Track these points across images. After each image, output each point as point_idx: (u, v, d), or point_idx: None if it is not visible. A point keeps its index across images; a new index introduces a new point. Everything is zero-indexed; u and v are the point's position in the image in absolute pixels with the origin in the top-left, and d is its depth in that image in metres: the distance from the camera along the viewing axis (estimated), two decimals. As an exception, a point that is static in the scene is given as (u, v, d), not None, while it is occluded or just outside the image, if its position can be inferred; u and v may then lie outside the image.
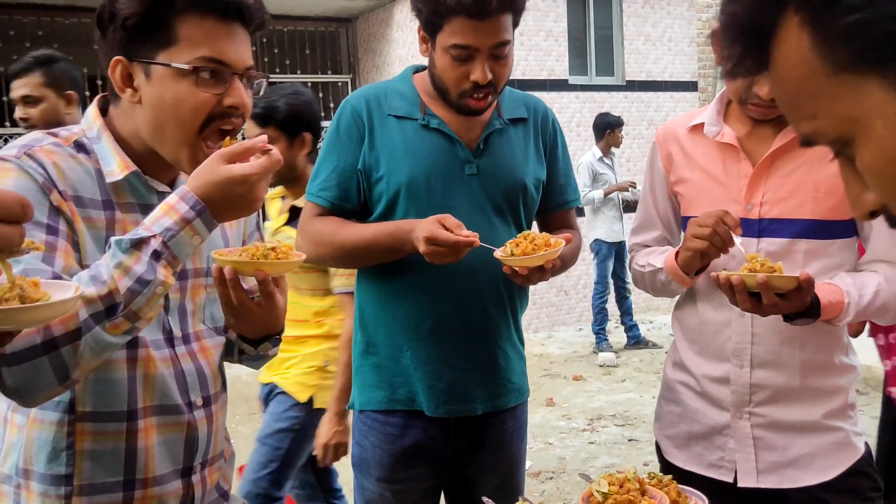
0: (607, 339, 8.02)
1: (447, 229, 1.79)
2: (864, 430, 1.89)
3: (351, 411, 2.21)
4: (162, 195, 1.48)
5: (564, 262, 2.05)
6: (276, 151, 1.35)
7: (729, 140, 1.85)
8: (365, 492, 2.10)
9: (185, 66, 1.37)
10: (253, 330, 1.57)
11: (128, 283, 1.26)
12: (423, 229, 1.80)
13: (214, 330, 1.64)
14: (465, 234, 1.78)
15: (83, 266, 1.36)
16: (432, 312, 1.99)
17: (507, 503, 1.68)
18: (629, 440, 5.48)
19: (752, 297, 1.61)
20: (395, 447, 2.05)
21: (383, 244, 1.93)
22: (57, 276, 1.29)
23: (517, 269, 1.80)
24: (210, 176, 1.32)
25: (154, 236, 1.29)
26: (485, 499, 1.72)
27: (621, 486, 1.67)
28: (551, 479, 4.75)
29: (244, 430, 5.93)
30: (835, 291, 1.71)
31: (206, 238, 1.34)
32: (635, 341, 8.22)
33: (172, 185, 1.53)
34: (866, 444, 1.87)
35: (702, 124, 1.90)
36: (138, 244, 1.28)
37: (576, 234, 2.20)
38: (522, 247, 1.80)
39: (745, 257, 1.69)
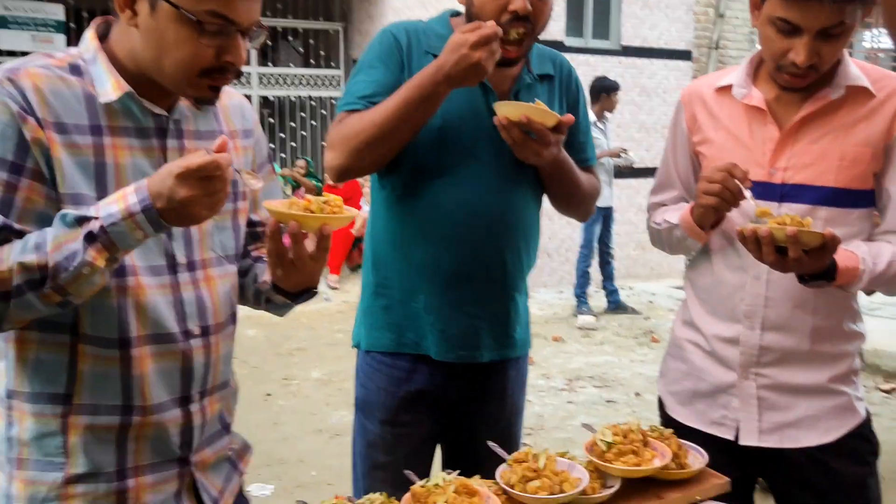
0: (588, 303, 8.08)
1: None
2: (864, 395, 1.92)
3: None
4: (159, 118, 1.47)
5: (574, 182, 2.05)
6: (221, 158, 1.29)
7: (757, 103, 1.83)
8: (367, 433, 2.10)
9: (192, 17, 1.33)
10: (295, 283, 1.55)
11: (57, 258, 1.27)
12: (454, 38, 1.72)
13: (225, 258, 1.61)
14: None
15: (59, 197, 1.35)
16: (451, 259, 1.98)
17: (507, 451, 1.69)
18: (607, 401, 5.55)
19: (777, 252, 1.61)
20: (401, 390, 2.05)
21: (415, 96, 1.79)
22: (6, 226, 1.31)
23: (502, 120, 1.77)
24: (165, 173, 1.28)
25: (96, 218, 1.28)
26: (490, 443, 1.73)
27: (625, 437, 1.69)
28: (530, 435, 4.81)
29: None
30: (851, 258, 1.71)
31: (152, 234, 1.31)
32: (615, 306, 8.29)
33: (171, 110, 1.49)
34: (866, 409, 1.90)
35: (730, 86, 1.88)
36: (81, 221, 1.28)
37: (594, 178, 2.19)
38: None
39: (756, 212, 1.69)
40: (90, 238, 1.27)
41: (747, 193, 1.71)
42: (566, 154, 1.99)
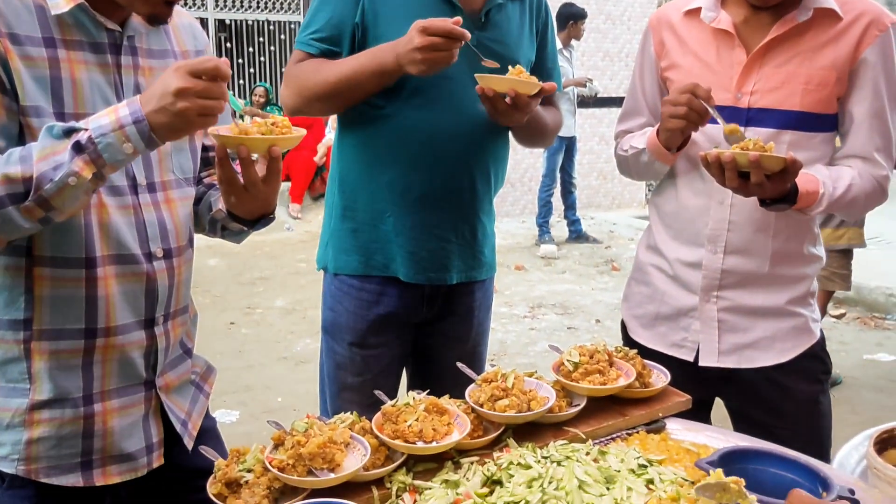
0: (550, 232, 8.14)
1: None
2: (820, 317, 1.98)
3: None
4: (112, 34, 1.42)
5: (542, 126, 2.07)
6: (221, 63, 1.27)
7: (725, 26, 1.83)
8: (336, 356, 2.11)
9: None
10: (250, 209, 1.54)
11: (43, 167, 1.23)
12: (414, 28, 1.73)
13: (184, 181, 1.59)
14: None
15: (21, 110, 1.31)
16: (421, 180, 1.97)
17: (474, 372, 1.71)
18: (568, 328, 5.66)
19: (740, 177, 1.63)
20: (370, 313, 2.06)
21: (368, 69, 1.85)
22: None
23: (487, 92, 1.80)
24: (157, 86, 1.26)
25: (85, 130, 1.24)
26: (459, 364, 1.75)
27: (591, 357, 1.72)
28: (492, 361, 4.89)
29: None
30: (811, 181, 1.74)
31: (142, 150, 1.28)
32: (577, 235, 8.38)
33: (124, 25, 1.44)
34: (821, 330, 1.96)
35: (698, 9, 1.87)
36: (69, 132, 1.25)
37: (557, 113, 2.20)
38: (507, 75, 1.80)
39: (725, 129, 1.71)
40: (78, 148, 1.23)
41: (713, 112, 1.72)
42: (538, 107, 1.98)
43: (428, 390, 1.60)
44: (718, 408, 2.08)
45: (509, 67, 1.83)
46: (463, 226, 2.06)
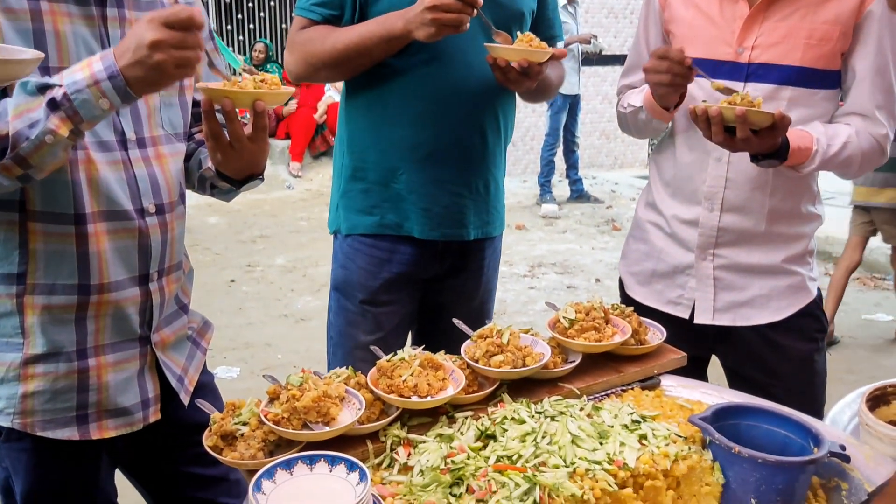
0: (551, 192, 8.11)
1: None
2: (818, 275, 1.97)
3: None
4: None
5: (548, 84, 2.05)
6: (195, 12, 1.24)
7: None
8: (347, 314, 2.11)
9: None
10: (238, 167, 1.52)
11: (18, 126, 1.22)
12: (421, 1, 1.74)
13: (174, 136, 1.58)
14: None
15: None
16: (431, 136, 1.96)
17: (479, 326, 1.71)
18: (567, 287, 5.67)
19: (727, 131, 1.62)
20: (382, 271, 2.06)
21: (376, 34, 1.84)
22: None
23: (499, 62, 1.80)
24: (131, 39, 1.23)
25: (60, 86, 1.22)
26: (455, 320, 1.75)
27: (587, 315, 1.72)
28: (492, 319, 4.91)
29: (186, 260, 5.90)
30: (805, 137, 1.72)
31: (118, 106, 1.26)
32: (578, 195, 8.35)
33: None
34: (818, 288, 1.96)
35: None
36: (43, 89, 1.22)
37: (560, 67, 2.18)
38: (516, 43, 1.81)
39: (713, 86, 1.70)
40: (53, 105, 1.21)
41: (697, 68, 1.71)
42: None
43: (423, 346, 1.60)
44: (715, 366, 2.09)
45: (518, 33, 1.83)
46: (476, 180, 2.06)
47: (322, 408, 1.33)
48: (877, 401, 1.54)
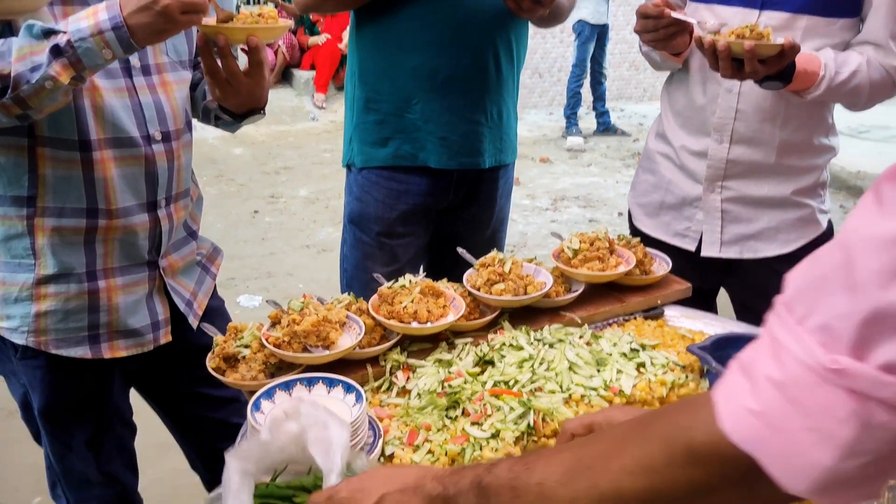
0: (577, 124, 7.99)
1: None
2: (830, 208, 1.94)
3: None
4: None
5: (560, 8, 2.02)
6: None
7: None
8: (364, 246, 2.13)
9: None
10: (237, 102, 1.52)
11: (20, 68, 1.22)
12: None
13: (179, 64, 1.58)
14: None
15: None
16: (447, 63, 1.94)
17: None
18: (589, 220, 5.64)
19: (734, 63, 1.58)
20: (399, 203, 2.06)
21: None
22: None
23: None
24: None
25: (64, 33, 1.22)
26: (459, 249, 1.76)
27: (591, 244, 1.72)
28: (512, 252, 4.92)
29: (211, 191, 5.95)
30: (813, 62, 1.67)
31: (121, 56, 1.26)
32: (605, 128, 8.22)
33: None
34: (829, 221, 1.93)
35: None
36: (48, 34, 1.23)
37: None
38: None
39: (702, 31, 1.66)
40: (56, 52, 1.22)
41: (682, 16, 1.68)
42: None
43: (425, 273, 1.62)
44: (725, 297, 2.09)
45: None
46: (491, 107, 2.04)
47: (322, 332, 1.36)
48: None
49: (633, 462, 0.72)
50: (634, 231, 2.05)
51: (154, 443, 2.10)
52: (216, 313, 1.77)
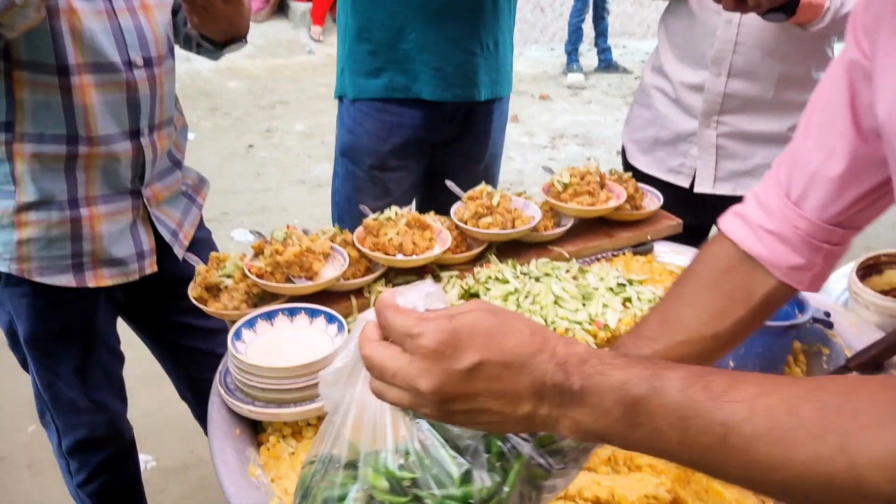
0: (578, 60, 7.85)
1: None
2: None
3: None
4: None
5: None
6: None
7: None
8: (356, 180, 2.10)
9: None
10: (217, 29, 1.48)
11: None
12: None
13: None
14: None
15: None
16: None
17: None
18: (588, 159, 5.59)
19: None
20: (392, 136, 2.03)
21: None
22: None
23: None
24: None
25: None
26: (448, 182, 1.73)
27: (581, 179, 1.69)
28: (508, 189, 4.88)
29: (206, 125, 5.88)
30: None
31: None
32: (606, 64, 8.08)
33: None
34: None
35: None
36: None
37: None
38: None
39: None
40: None
41: None
42: None
43: (412, 206, 1.60)
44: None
45: None
46: (487, 37, 1.99)
47: (305, 263, 1.34)
48: (869, 270, 1.53)
49: None
50: (628, 167, 2.02)
51: (147, 373, 2.11)
52: (203, 244, 1.76)
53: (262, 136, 5.85)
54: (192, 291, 1.35)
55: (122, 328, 1.82)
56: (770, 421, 0.54)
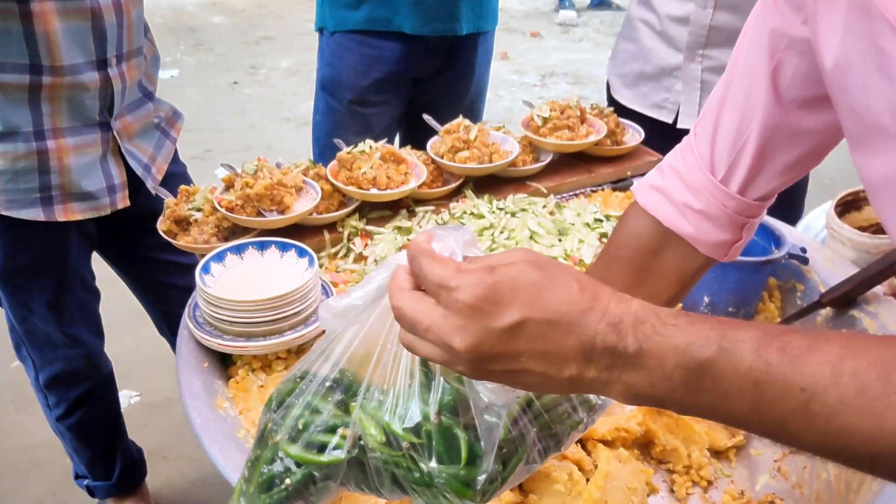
0: (571, -3, 7.71)
1: None
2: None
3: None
4: None
5: None
6: None
7: None
8: (335, 114, 2.06)
9: None
10: None
11: None
12: None
13: None
14: None
15: None
16: None
17: None
18: (578, 97, 5.52)
19: None
20: (372, 70, 1.98)
21: None
22: None
23: None
24: None
25: None
26: (425, 116, 1.70)
27: (562, 113, 1.67)
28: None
29: (189, 62, 5.76)
30: None
31: None
32: (598, 2, 7.92)
33: None
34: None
35: None
36: None
37: None
38: None
39: None
40: None
41: None
42: None
43: (386, 139, 1.57)
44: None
45: None
46: None
47: (276, 196, 1.32)
48: (848, 206, 1.52)
49: None
50: (612, 103, 1.98)
51: (130, 309, 2.10)
52: (178, 179, 1.73)
53: (246, 72, 5.74)
54: (161, 225, 1.33)
55: (103, 264, 1.80)
56: (859, 387, 0.48)
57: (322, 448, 0.69)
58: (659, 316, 0.55)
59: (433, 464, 0.66)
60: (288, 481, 0.71)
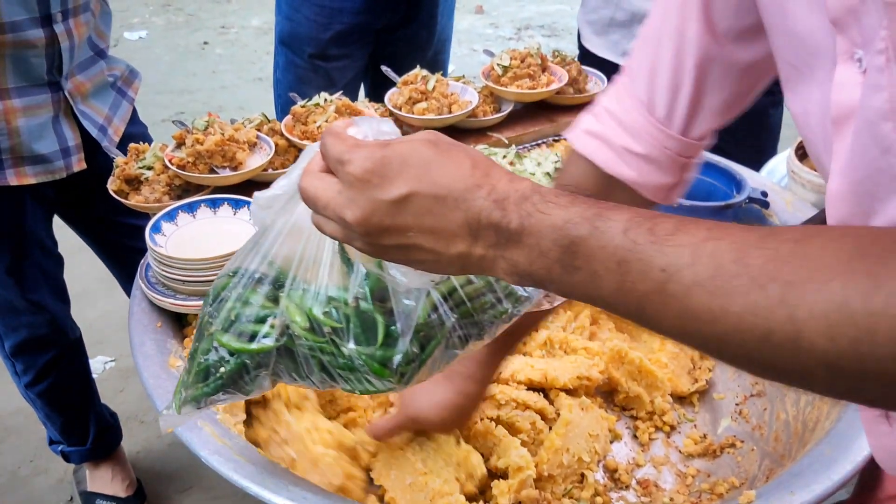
0: (547, -53, 7.57)
1: None
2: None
3: None
4: None
5: None
6: None
7: None
8: (297, 69, 2.02)
9: None
10: None
11: None
12: None
13: None
14: None
15: None
16: None
17: None
18: (554, 50, 5.46)
19: None
20: (333, 22, 1.93)
21: None
22: None
23: None
24: None
25: None
26: (383, 67, 1.67)
27: (522, 61, 1.64)
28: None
29: (158, 22, 5.65)
30: None
31: None
32: (576, -49, 7.80)
33: None
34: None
35: None
36: None
37: None
38: None
39: None
40: None
41: None
42: None
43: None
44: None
45: None
46: None
47: (228, 152, 1.30)
48: (809, 149, 1.51)
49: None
50: (583, 52, 1.95)
51: (104, 274, 2.07)
52: (138, 140, 1.68)
53: (217, 32, 5.63)
54: (112, 185, 1.31)
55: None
56: (714, 268, 0.47)
57: (253, 337, 0.73)
58: (542, 194, 0.55)
59: (351, 345, 0.69)
60: (222, 370, 0.75)
